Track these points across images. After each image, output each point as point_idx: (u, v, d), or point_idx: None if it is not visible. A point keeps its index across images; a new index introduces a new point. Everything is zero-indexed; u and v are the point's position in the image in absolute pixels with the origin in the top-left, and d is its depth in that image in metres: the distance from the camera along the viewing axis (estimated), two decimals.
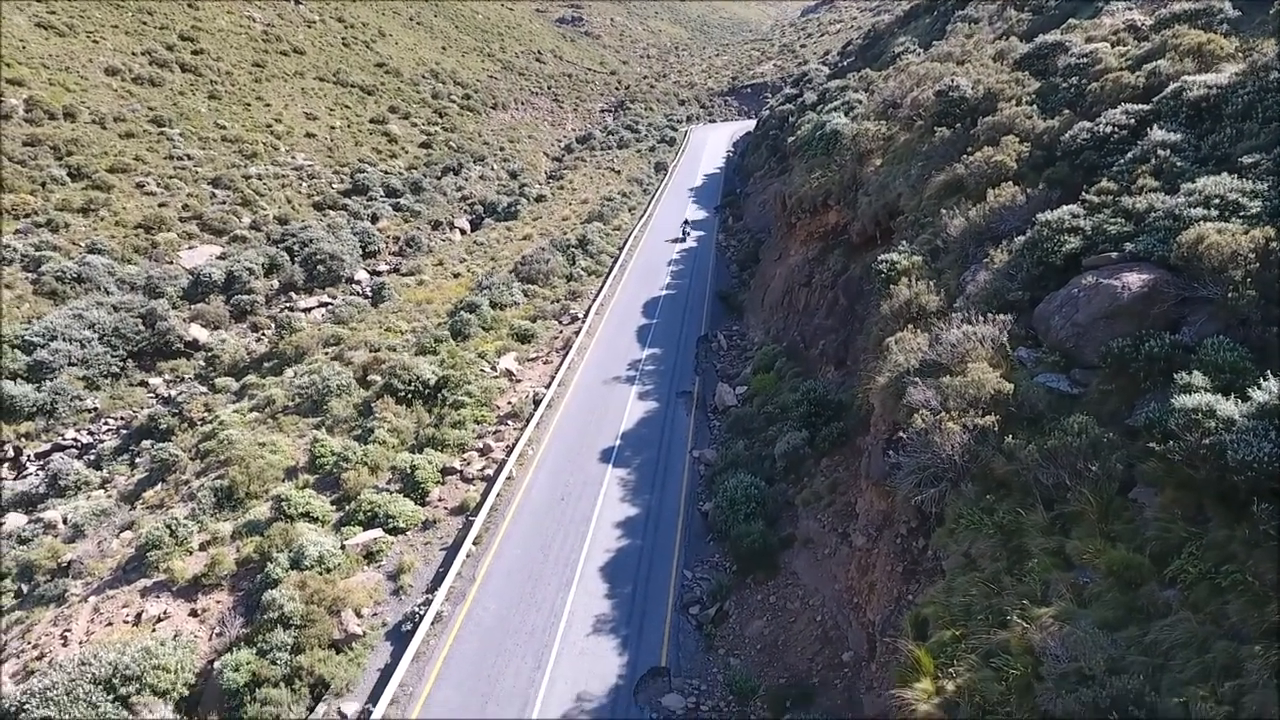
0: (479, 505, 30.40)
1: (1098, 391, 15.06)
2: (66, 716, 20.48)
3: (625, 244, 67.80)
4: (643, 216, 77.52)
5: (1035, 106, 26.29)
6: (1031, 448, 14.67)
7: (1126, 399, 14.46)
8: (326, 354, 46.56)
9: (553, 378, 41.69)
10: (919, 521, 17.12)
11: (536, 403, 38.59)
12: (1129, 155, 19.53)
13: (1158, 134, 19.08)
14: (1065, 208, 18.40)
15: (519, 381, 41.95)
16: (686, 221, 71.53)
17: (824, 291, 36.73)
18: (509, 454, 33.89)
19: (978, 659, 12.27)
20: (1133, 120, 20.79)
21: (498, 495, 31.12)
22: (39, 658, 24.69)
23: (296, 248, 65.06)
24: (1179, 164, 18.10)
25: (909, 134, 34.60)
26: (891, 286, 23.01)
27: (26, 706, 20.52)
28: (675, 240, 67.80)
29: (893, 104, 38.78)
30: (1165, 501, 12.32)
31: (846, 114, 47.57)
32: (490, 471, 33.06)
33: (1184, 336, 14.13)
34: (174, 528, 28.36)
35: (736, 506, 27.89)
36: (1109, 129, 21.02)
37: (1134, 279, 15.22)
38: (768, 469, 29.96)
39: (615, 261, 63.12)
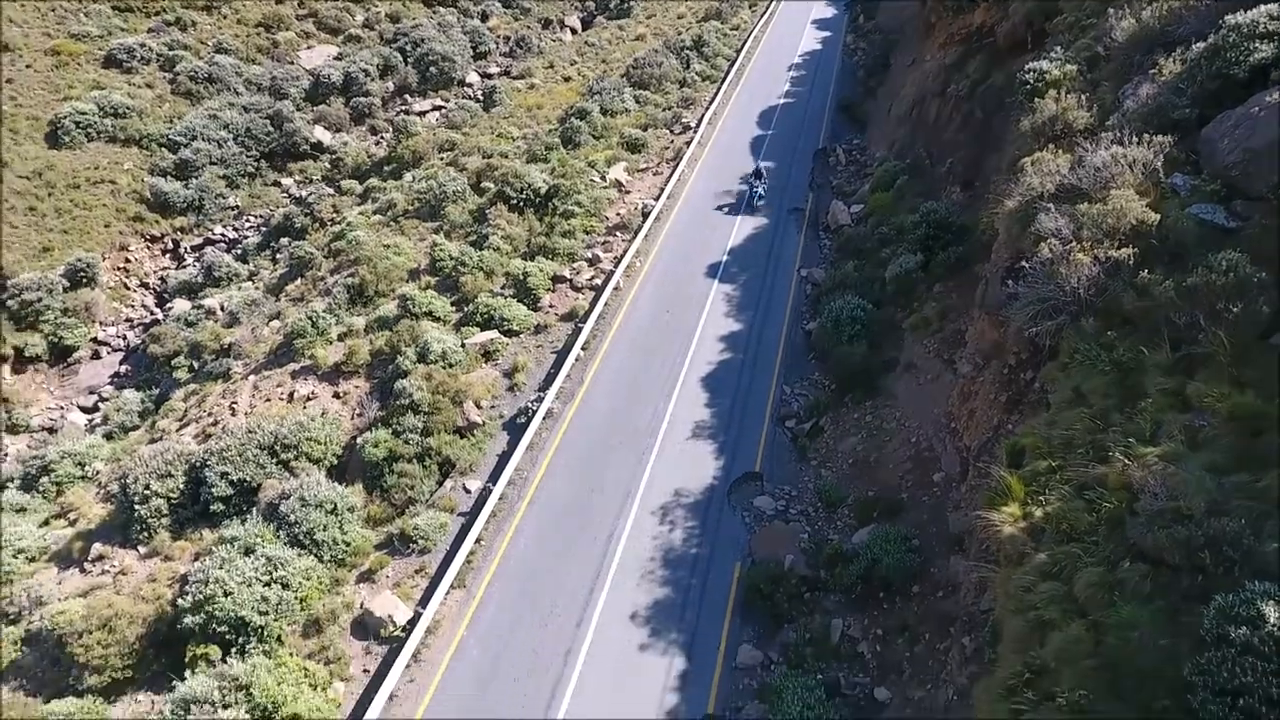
0: (587, 313, 31.61)
1: (1258, 227, 13.71)
2: (240, 474, 24.02)
3: (743, 46, 63.23)
4: (764, 15, 71.42)
5: None
6: (1168, 284, 13.76)
7: None
8: (441, 159, 47.32)
9: (662, 190, 41.14)
10: (1030, 354, 16.73)
11: (645, 215, 38.50)
12: None
13: None
14: (1263, 8, 15.74)
15: (628, 193, 41.68)
16: (758, 174, 40.94)
17: (959, 103, 33.65)
18: (617, 265, 34.52)
19: (1070, 490, 12.41)
20: None
21: (605, 304, 32.15)
22: (214, 424, 28.62)
23: (409, 48, 64.31)
24: None
25: None
26: (1037, 100, 20.86)
27: (209, 463, 24.14)
28: (733, 204, 40.07)
29: None
30: None
31: None
32: (598, 281, 33.96)
33: None
34: (314, 319, 31.09)
35: (841, 327, 27.83)
36: None
37: None
38: (876, 292, 29.40)
39: (731, 65, 59.32)
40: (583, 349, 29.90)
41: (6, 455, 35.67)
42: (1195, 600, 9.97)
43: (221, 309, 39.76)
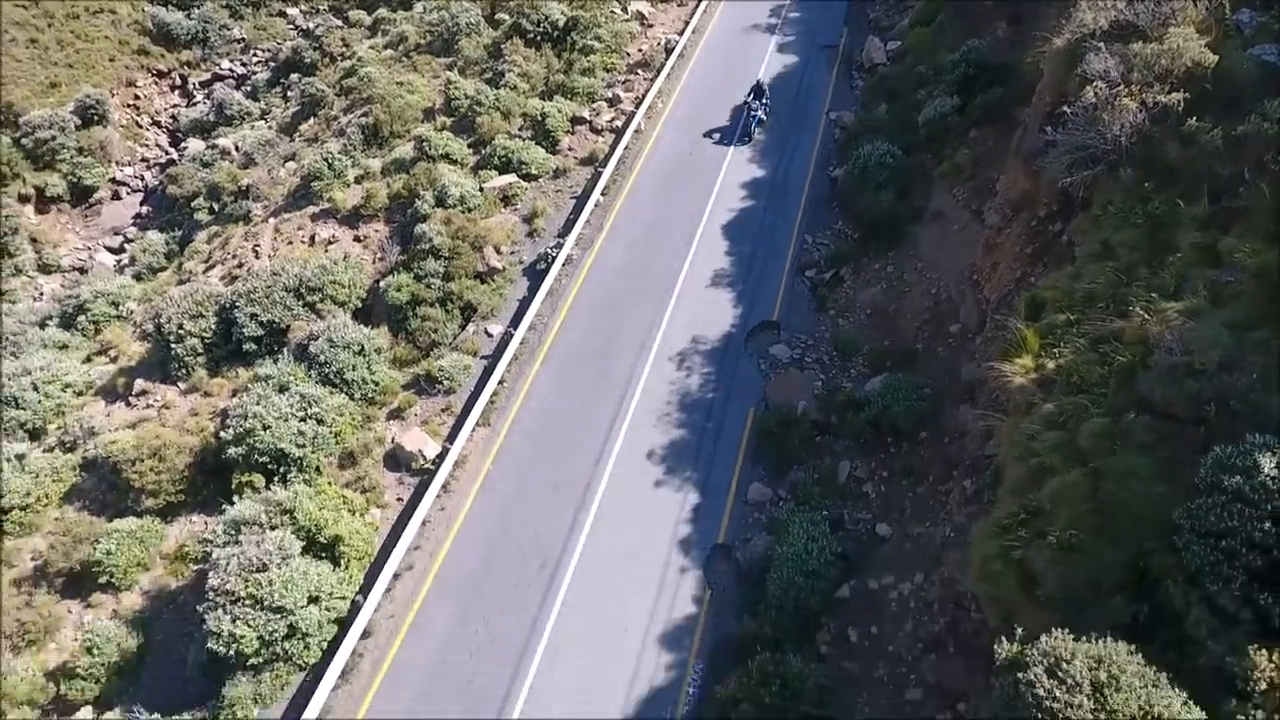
0: (607, 157, 30.78)
1: None
2: (269, 315, 24.59)
3: None
4: None
5: None
6: (1216, 133, 13.17)
7: None
8: None
9: (686, 23, 38.69)
10: (1061, 205, 16.32)
11: (668, 51, 36.49)
12: None
13: None
14: None
15: (651, 26, 39.26)
16: (758, 92, 31.92)
17: None
18: (638, 106, 33.19)
19: (1085, 344, 12.53)
20: None
21: (625, 148, 31.23)
22: (239, 266, 28.98)
23: None
24: None
25: None
26: None
27: (238, 304, 24.68)
28: (725, 130, 32.18)
29: None
30: None
31: None
32: (619, 123, 32.79)
33: None
34: (330, 161, 30.58)
35: (868, 174, 27.00)
36: None
37: None
38: (908, 137, 28.20)
39: None
40: (602, 194, 29.39)
41: (42, 294, 36.61)
42: (1196, 452, 10.30)
43: (236, 149, 39.07)
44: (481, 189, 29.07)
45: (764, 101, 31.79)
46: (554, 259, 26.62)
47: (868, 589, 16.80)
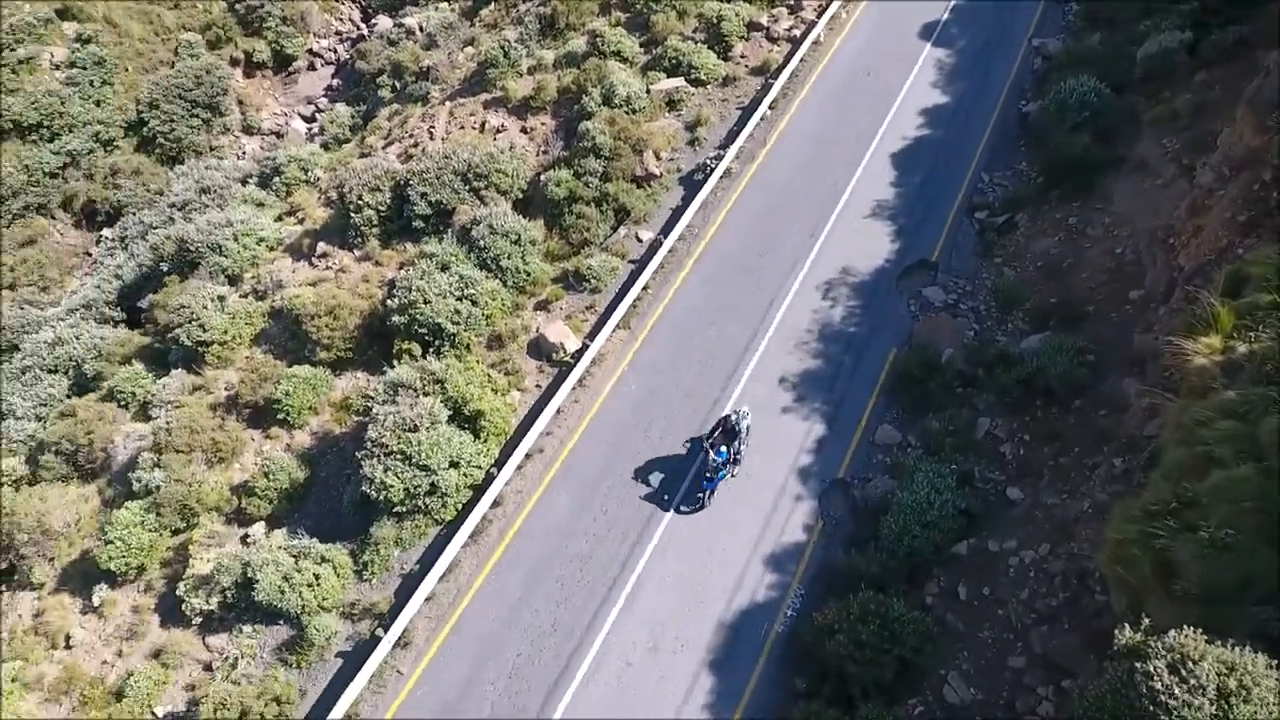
0: (780, 68, 29.58)
1: None
2: (437, 195, 25.95)
3: None
4: None
5: None
6: None
7: None
8: None
9: None
10: None
11: None
12: None
13: None
14: None
15: None
16: (727, 431, 18.34)
17: None
18: (820, 14, 31.40)
19: None
20: None
21: (801, 60, 29.83)
22: (414, 145, 30.50)
23: None
24: None
25: None
26: None
27: (410, 182, 26.17)
28: (659, 487, 19.41)
29: None
30: None
31: None
32: (797, 32, 31.24)
33: None
34: (506, 49, 31.09)
35: (1065, 112, 24.57)
36: None
37: None
38: (1120, 74, 25.26)
39: None
40: (770, 107, 28.42)
41: (244, 153, 40.19)
42: None
43: (420, 29, 40.45)
44: (648, 91, 28.84)
45: (737, 446, 18.50)
46: (712, 171, 26.31)
47: (986, 550, 16.44)
